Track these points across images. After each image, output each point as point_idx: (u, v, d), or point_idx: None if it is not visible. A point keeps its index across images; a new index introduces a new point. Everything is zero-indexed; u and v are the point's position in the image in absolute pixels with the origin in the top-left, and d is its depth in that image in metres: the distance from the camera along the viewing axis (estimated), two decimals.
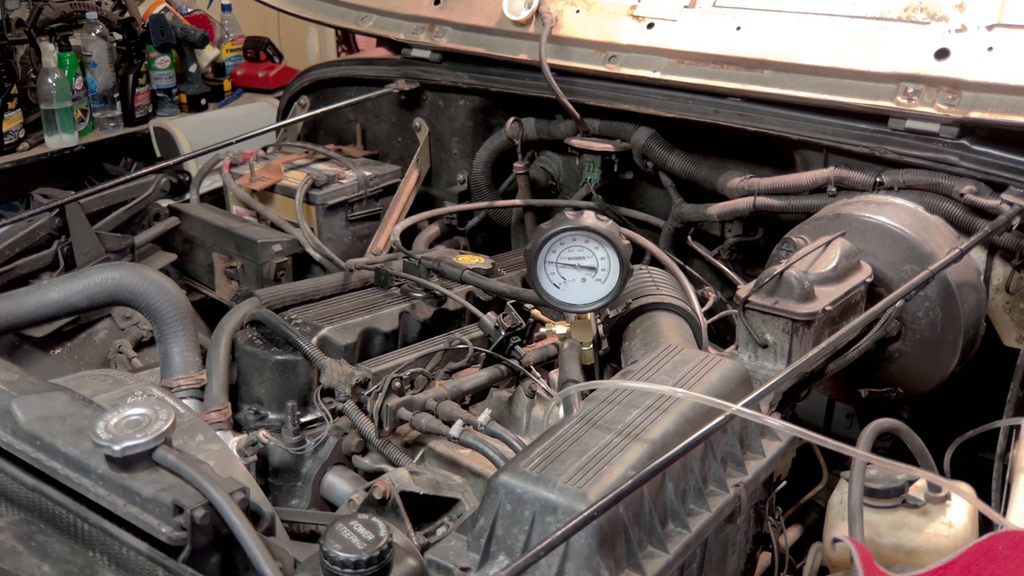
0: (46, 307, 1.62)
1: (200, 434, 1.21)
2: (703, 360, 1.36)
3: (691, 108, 1.94)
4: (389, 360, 1.57)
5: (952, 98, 1.65)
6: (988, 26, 1.64)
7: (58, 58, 3.38)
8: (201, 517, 0.98)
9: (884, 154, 1.71)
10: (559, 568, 1.05)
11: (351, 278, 1.83)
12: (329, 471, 1.44)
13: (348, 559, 0.93)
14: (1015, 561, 0.98)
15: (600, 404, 1.26)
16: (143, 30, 3.69)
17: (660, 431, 1.19)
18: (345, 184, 2.26)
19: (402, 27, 2.39)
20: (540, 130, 2.20)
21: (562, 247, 1.40)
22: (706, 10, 1.95)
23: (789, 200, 1.81)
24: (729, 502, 1.23)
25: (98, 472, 1.04)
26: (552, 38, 2.08)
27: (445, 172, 2.41)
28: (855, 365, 1.55)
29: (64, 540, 1.07)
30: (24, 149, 3.35)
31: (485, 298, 1.76)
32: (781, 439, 1.37)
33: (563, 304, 1.43)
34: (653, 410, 1.24)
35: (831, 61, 1.77)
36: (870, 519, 1.19)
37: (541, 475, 1.10)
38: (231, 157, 2.37)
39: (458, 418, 1.36)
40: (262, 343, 1.58)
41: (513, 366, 1.55)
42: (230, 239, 2.13)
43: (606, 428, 1.19)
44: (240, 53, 4.11)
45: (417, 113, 2.41)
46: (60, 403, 1.17)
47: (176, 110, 3.78)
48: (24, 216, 1.98)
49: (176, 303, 1.60)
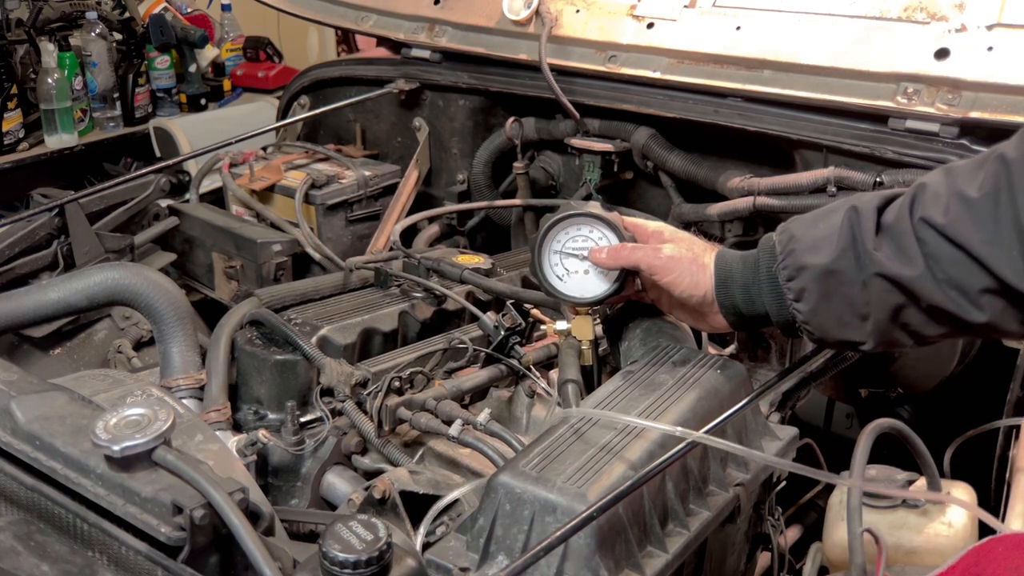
0: (45, 307, 1.62)
1: (199, 434, 1.20)
2: (702, 360, 1.36)
3: (691, 108, 1.94)
4: (388, 360, 1.57)
5: (952, 98, 1.65)
6: (988, 26, 1.64)
7: (58, 58, 3.38)
8: (200, 517, 0.97)
9: (884, 154, 1.71)
10: (558, 568, 1.05)
11: (351, 278, 1.83)
12: (328, 471, 1.44)
13: (347, 559, 0.93)
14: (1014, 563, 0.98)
15: (600, 404, 1.26)
16: (143, 30, 3.69)
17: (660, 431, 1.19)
18: (345, 184, 2.26)
19: (402, 27, 2.39)
20: (540, 130, 2.20)
21: (567, 235, 1.40)
22: (706, 10, 1.95)
23: (789, 200, 1.81)
24: (729, 502, 1.23)
25: (97, 472, 1.04)
26: (552, 38, 2.08)
27: (445, 172, 2.41)
28: (855, 365, 1.55)
29: (63, 540, 1.06)
30: (24, 149, 3.35)
31: (485, 298, 1.76)
32: (781, 439, 1.37)
33: (566, 297, 1.42)
34: (653, 410, 1.24)
35: (831, 61, 1.77)
36: (870, 519, 1.19)
37: (540, 475, 1.10)
38: (231, 157, 2.37)
39: (458, 418, 1.36)
40: (262, 343, 1.58)
41: (513, 366, 1.54)
42: (230, 239, 2.13)
43: (606, 428, 1.19)
44: (240, 53, 4.11)
45: (417, 113, 2.41)
46: (59, 403, 1.16)
47: (176, 110, 3.78)
48: (24, 216, 1.97)
49: (175, 303, 1.59)
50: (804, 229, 1.27)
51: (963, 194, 1.13)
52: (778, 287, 1.27)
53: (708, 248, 1.39)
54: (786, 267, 1.25)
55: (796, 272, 1.24)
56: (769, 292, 1.29)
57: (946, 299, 1.14)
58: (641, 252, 1.36)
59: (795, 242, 1.25)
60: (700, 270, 1.35)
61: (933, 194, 1.17)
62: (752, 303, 1.31)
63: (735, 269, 1.33)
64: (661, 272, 1.35)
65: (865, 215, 1.21)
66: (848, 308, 1.21)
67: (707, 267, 1.35)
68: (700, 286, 1.34)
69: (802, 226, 1.27)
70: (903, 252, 1.17)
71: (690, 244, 1.38)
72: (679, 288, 1.35)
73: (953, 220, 1.13)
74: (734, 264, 1.34)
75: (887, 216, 1.21)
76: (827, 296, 1.22)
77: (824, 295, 1.22)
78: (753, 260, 1.32)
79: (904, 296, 1.17)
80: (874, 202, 1.22)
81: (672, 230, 1.42)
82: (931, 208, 1.15)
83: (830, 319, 1.24)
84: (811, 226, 1.26)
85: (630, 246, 1.37)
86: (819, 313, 1.24)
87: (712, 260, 1.35)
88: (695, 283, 1.34)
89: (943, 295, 1.15)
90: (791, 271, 1.25)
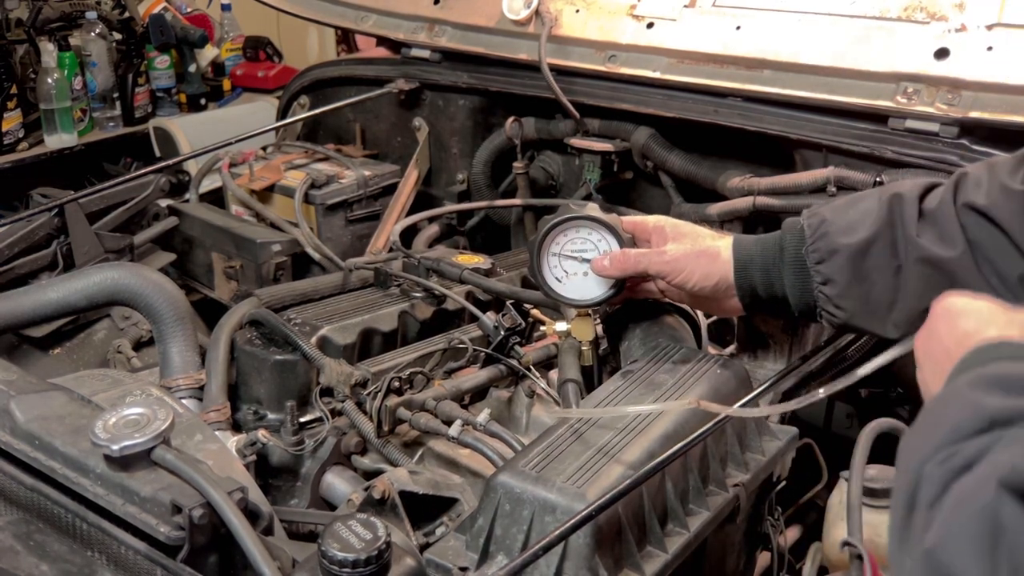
0: (45, 307, 1.62)
1: (199, 434, 1.21)
2: (702, 359, 1.36)
3: (691, 108, 1.93)
4: (388, 360, 1.57)
5: (952, 98, 1.64)
6: (988, 26, 1.64)
7: (57, 58, 3.38)
8: (200, 517, 0.97)
9: (884, 154, 1.71)
10: (558, 568, 1.05)
11: (350, 278, 1.82)
12: (328, 471, 1.44)
13: (346, 559, 0.93)
14: None
15: (600, 403, 1.26)
16: (143, 30, 3.69)
17: (659, 431, 1.19)
18: (344, 184, 2.26)
19: (402, 27, 2.39)
20: (540, 130, 2.20)
21: (565, 238, 1.40)
22: (706, 9, 1.95)
23: (789, 200, 1.81)
24: (729, 502, 1.23)
25: (96, 471, 1.04)
26: (552, 38, 2.08)
27: (445, 172, 2.41)
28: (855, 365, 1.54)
29: (63, 539, 1.06)
30: (23, 149, 3.35)
31: (484, 298, 1.76)
32: (780, 439, 1.37)
33: (565, 299, 1.42)
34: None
35: (831, 61, 1.77)
36: (870, 519, 1.19)
37: (540, 475, 1.10)
38: (230, 157, 2.37)
39: (457, 418, 1.36)
40: (261, 343, 1.57)
41: (513, 366, 1.54)
42: (229, 239, 2.13)
43: (605, 428, 1.19)
44: (240, 53, 4.11)
45: (417, 113, 2.41)
46: (59, 403, 1.17)
47: (176, 110, 3.78)
48: (23, 216, 1.97)
49: (175, 303, 1.59)
50: (836, 213, 1.27)
51: (1005, 185, 1.15)
52: (804, 270, 1.27)
53: (713, 235, 1.39)
54: (816, 250, 1.25)
55: (827, 255, 1.24)
56: (793, 275, 1.29)
57: (985, 285, 1.15)
58: (646, 258, 1.36)
59: (827, 225, 1.25)
60: (709, 261, 1.34)
61: (975, 182, 1.18)
62: (771, 286, 1.32)
63: (754, 252, 1.33)
64: (670, 274, 1.35)
65: (909, 201, 1.21)
66: (877, 293, 1.22)
67: (717, 255, 1.35)
68: (712, 276, 1.34)
69: (834, 210, 1.28)
70: (945, 235, 1.17)
71: (693, 237, 1.38)
72: (691, 283, 1.35)
73: (996, 206, 1.14)
74: (753, 248, 1.34)
75: (929, 202, 1.21)
76: (857, 280, 1.22)
77: (854, 278, 1.22)
78: (775, 243, 1.32)
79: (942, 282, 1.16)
80: (916, 190, 1.23)
81: (672, 223, 1.41)
82: (973, 194, 1.17)
83: (857, 303, 1.23)
84: (844, 211, 1.26)
85: (634, 253, 1.37)
86: (847, 297, 1.24)
87: (725, 245, 1.35)
88: (706, 275, 1.34)
89: (983, 280, 1.15)
90: (822, 253, 1.25)
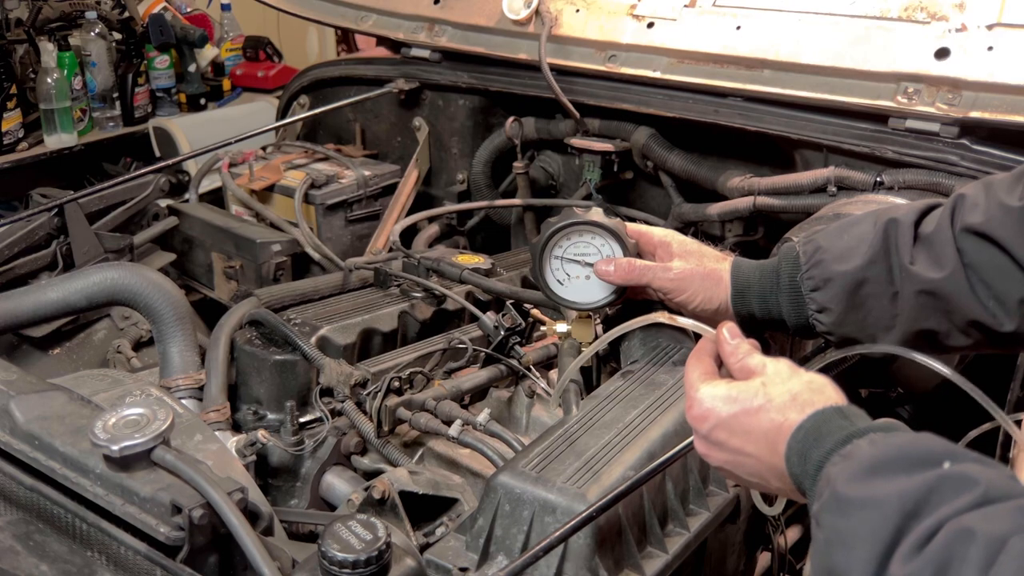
0: (45, 307, 1.62)
1: (198, 434, 1.21)
2: None
3: (691, 108, 1.93)
4: (388, 360, 1.57)
5: (952, 98, 1.64)
6: (988, 26, 1.64)
7: (57, 58, 3.37)
8: (199, 517, 0.97)
9: (884, 154, 1.71)
10: (558, 568, 1.05)
11: (350, 278, 1.82)
12: (328, 471, 1.44)
13: (346, 559, 0.93)
14: None
15: (600, 404, 1.26)
16: (142, 30, 3.69)
17: (659, 431, 1.19)
18: (344, 184, 2.26)
19: (402, 26, 2.39)
20: (540, 130, 2.20)
21: (568, 242, 1.40)
22: (706, 9, 1.95)
23: (789, 200, 1.81)
24: (729, 502, 1.23)
25: (96, 472, 1.04)
26: (552, 37, 2.08)
27: (445, 172, 2.41)
28: (855, 365, 1.54)
29: (62, 540, 1.06)
30: (23, 149, 3.35)
31: (484, 298, 1.76)
32: None
33: (566, 302, 1.42)
34: (653, 410, 1.24)
35: (831, 61, 1.76)
36: None
37: (540, 475, 1.10)
38: (230, 157, 2.37)
39: (457, 418, 1.36)
40: (261, 343, 1.57)
41: (513, 366, 1.54)
42: (229, 239, 2.13)
43: (605, 428, 1.19)
44: (239, 53, 4.11)
45: (417, 113, 2.41)
46: (58, 403, 1.16)
47: (175, 110, 3.77)
48: (23, 216, 1.97)
49: (175, 303, 1.59)
50: (831, 240, 1.26)
51: (1003, 203, 1.14)
52: (799, 297, 1.26)
53: (719, 256, 1.37)
54: (811, 277, 1.24)
55: (823, 283, 1.23)
56: (789, 301, 1.28)
57: (980, 308, 1.14)
58: (651, 272, 1.35)
59: (822, 252, 1.24)
60: (713, 284, 1.33)
61: (972, 203, 1.17)
62: (768, 311, 1.31)
63: (752, 279, 1.32)
64: (673, 292, 1.34)
65: (904, 227, 1.20)
66: (874, 319, 1.21)
67: (721, 279, 1.33)
68: (714, 300, 1.33)
69: (828, 237, 1.26)
70: (937, 259, 1.16)
71: (699, 256, 1.36)
72: (692, 304, 1.34)
73: (994, 224, 1.13)
74: (751, 274, 1.32)
75: (925, 227, 1.20)
76: (853, 307, 1.21)
77: (850, 306, 1.21)
78: (772, 269, 1.31)
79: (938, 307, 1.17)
80: (912, 215, 1.21)
81: (680, 240, 1.39)
82: (971, 215, 1.15)
83: (853, 328, 1.23)
84: (838, 236, 1.25)
85: (640, 264, 1.36)
86: (843, 324, 1.23)
87: (726, 269, 1.34)
88: (708, 298, 1.33)
89: (978, 303, 1.14)
90: (817, 281, 1.24)
